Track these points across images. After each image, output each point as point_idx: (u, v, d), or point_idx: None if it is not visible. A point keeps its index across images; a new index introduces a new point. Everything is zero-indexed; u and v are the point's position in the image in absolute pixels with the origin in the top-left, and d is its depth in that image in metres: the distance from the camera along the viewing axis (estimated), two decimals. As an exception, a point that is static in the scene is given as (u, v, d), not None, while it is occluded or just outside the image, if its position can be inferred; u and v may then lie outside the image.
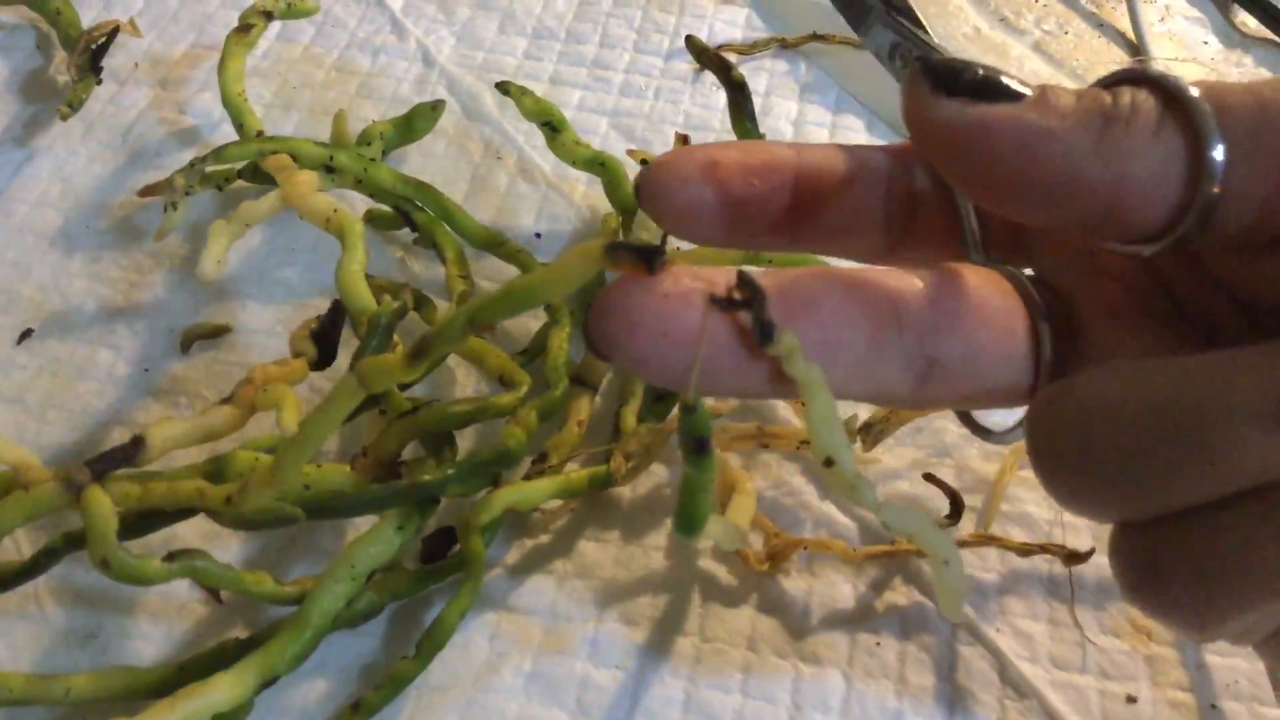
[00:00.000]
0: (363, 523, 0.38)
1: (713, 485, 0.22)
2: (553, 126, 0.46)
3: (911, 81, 0.21)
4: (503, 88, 0.47)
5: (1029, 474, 0.41)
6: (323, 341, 0.36)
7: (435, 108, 0.49)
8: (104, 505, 0.30)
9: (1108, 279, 0.24)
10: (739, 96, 0.44)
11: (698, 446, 0.22)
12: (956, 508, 0.39)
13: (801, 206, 0.24)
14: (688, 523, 0.24)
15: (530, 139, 0.50)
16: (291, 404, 0.35)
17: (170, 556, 0.33)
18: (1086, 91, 0.21)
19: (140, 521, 0.34)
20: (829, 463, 0.21)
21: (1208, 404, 0.19)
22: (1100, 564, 0.38)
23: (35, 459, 0.34)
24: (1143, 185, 0.20)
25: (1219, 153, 0.19)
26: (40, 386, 0.42)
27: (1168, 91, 0.20)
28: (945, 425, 0.42)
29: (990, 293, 0.23)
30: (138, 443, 0.33)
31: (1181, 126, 0.20)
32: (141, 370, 0.43)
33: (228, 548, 0.38)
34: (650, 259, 0.20)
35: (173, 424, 0.34)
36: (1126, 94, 0.20)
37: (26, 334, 0.43)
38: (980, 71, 0.21)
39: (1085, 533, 0.39)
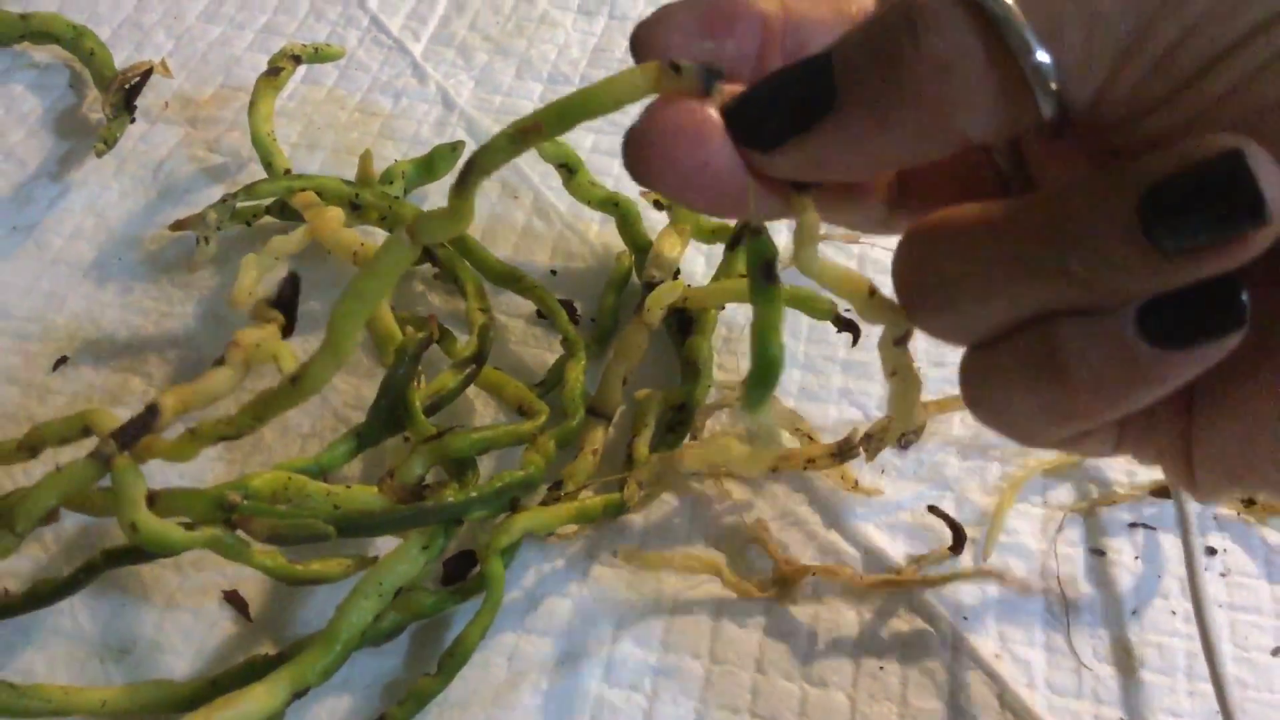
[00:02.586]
0: (384, 544, 0.39)
1: (781, 324, 0.22)
2: (568, 168, 0.48)
3: (741, 148, 0.22)
4: (522, 130, 0.48)
5: (1026, 506, 0.42)
6: (285, 308, 0.38)
7: (455, 148, 0.51)
8: (132, 471, 0.31)
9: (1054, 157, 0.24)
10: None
11: (765, 272, 0.21)
12: (959, 539, 0.40)
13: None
14: (765, 369, 0.22)
15: (546, 180, 0.52)
16: (288, 354, 0.38)
17: (191, 525, 0.34)
18: (886, 50, 0.21)
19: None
20: (872, 293, 0.23)
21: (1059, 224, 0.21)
22: (1095, 594, 0.40)
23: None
24: (985, 127, 0.21)
25: (1044, 57, 0.20)
26: (74, 412, 0.43)
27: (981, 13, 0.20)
28: (946, 459, 0.43)
29: None
30: (153, 410, 0.33)
31: (1001, 66, 0.20)
32: (172, 397, 0.44)
33: (256, 567, 0.39)
34: (708, 83, 0.21)
35: (179, 389, 0.34)
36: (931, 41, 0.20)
37: (61, 361, 0.45)
38: (791, 100, 0.21)
39: (1078, 561, 0.41)
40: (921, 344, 0.46)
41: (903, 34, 0.20)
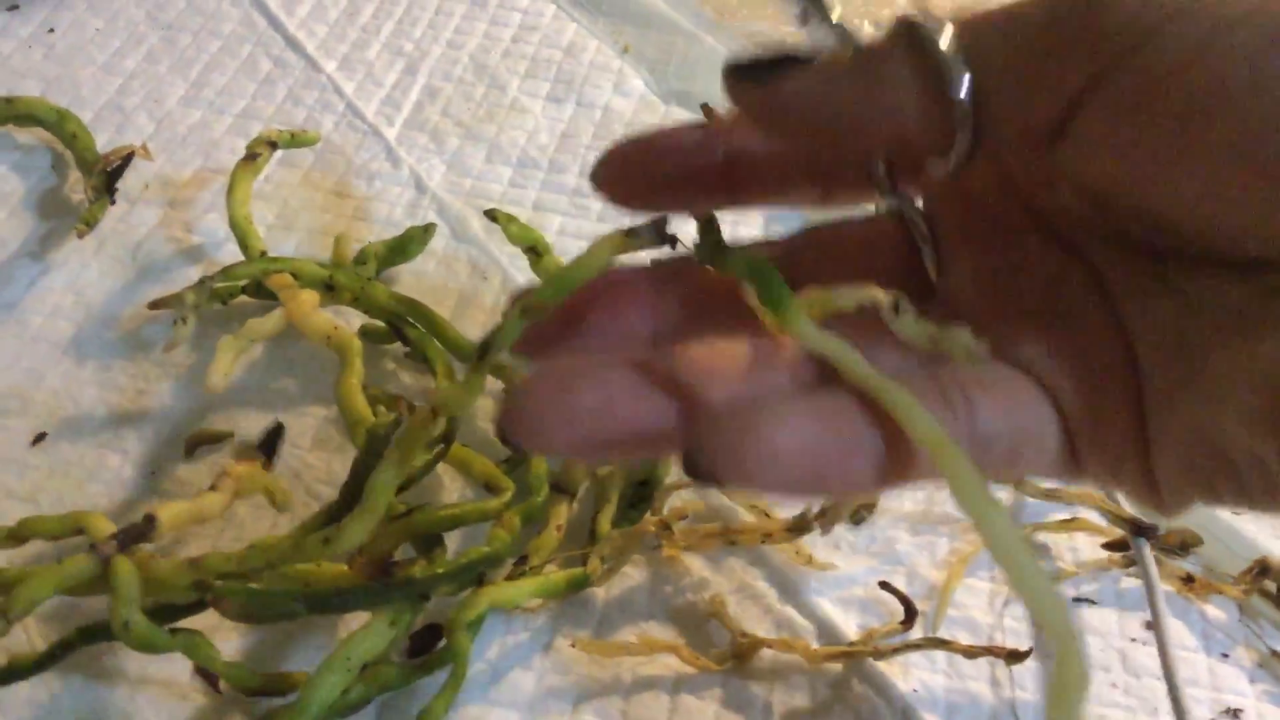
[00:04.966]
0: (354, 620, 0.40)
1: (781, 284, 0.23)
2: (536, 251, 0.50)
3: (727, 78, 0.25)
4: (490, 215, 0.50)
5: (974, 581, 0.44)
6: (267, 452, 0.42)
7: (426, 230, 0.53)
8: (130, 572, 0.33)
9: (964, 205, 0.27)
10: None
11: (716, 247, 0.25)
12: (910, 613, 0.42)
13: (736, 168, 0.27)
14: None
15: (514, 261, 0.54)
16: (278, 487, 0.41)
17: (174, 631, 0.36)
18: (860, 50, 0.24)
19: (155, 614, 0.36)
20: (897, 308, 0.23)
21: None
22: (1039, 667, 0.42)
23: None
24: (907, 114, 0.23)
25: (965, 83, 0.22)
26: (52, 487, 0.45)
27: (919, 35, 0.23)
28: (898, 535, 0.45)
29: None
30: (151, 520, 0.37)
31: (923, 66, 0.23)
32: (148, 473, 0.45)
33: (228, 639, 0.40)
34: (662, 235, 0.24)
35: (175, 505, 0.39)
36: (884, 45, 0.23)
37: (40, 437, 0.46)
38: (774, 55, 0.24)
39: (1024, 635, 0.42)
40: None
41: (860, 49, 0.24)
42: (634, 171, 0.27)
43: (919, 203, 0.28)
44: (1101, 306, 0.24)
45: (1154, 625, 0.41)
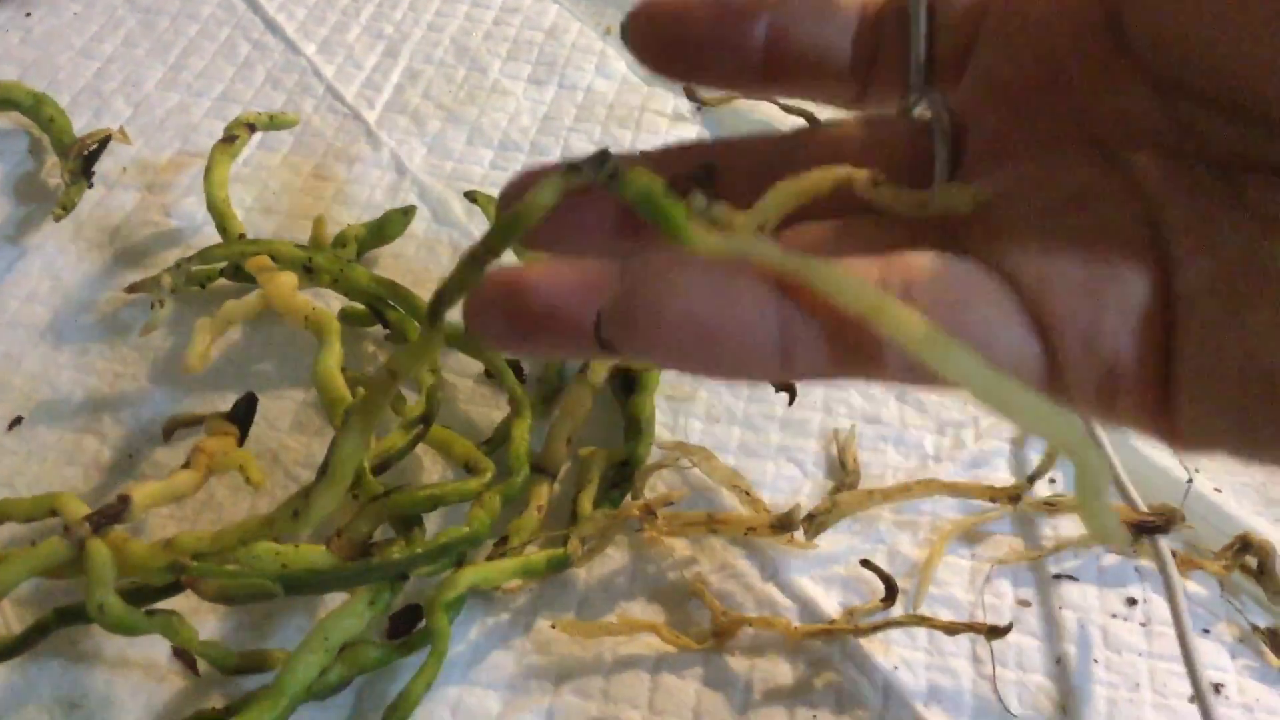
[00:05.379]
0: (333, 601, 0.40)
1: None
2: (517, 233, 0.50)
3: None
4: (471, 197, 0.50)
5: (954, 559, 0.44)
6: (240, 423, 0.42)
7: (406, 213, 0.53)
8: (104, 554, 0.33)
9: (1000, 108, 0.24)
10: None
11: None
12: (891, 590, 0.42)
13: (776, 45, 0.25)
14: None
15: (495, 243, 0.54)
16: (253, 464, 0.40)
17: (151, 612, 0.36)
18: None
19: (131, 596, 0.36)
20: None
21: None
22: (1019, 642, 0.42)
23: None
24: None
25: None
26: (29, 471, 0.44)
27: None
28: (879, 513, 0.45)
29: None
30: (125, 500, 0.37)
31: None
32: (126, 457, 0.45)
33: (205, 622, 0.40)
34: (602, 169, 0.22)
35: (149, 485, 0.38)
36: None
37: (16, 421, 0.46)
38: None
39: (1005, 612, 0.42)
40: (856, 400, 0.48)
41: None
42: (667, 32, 0.25)
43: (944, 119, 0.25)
44: (1132, 221, 0.22)
45: (1177, 628, 0.40)
